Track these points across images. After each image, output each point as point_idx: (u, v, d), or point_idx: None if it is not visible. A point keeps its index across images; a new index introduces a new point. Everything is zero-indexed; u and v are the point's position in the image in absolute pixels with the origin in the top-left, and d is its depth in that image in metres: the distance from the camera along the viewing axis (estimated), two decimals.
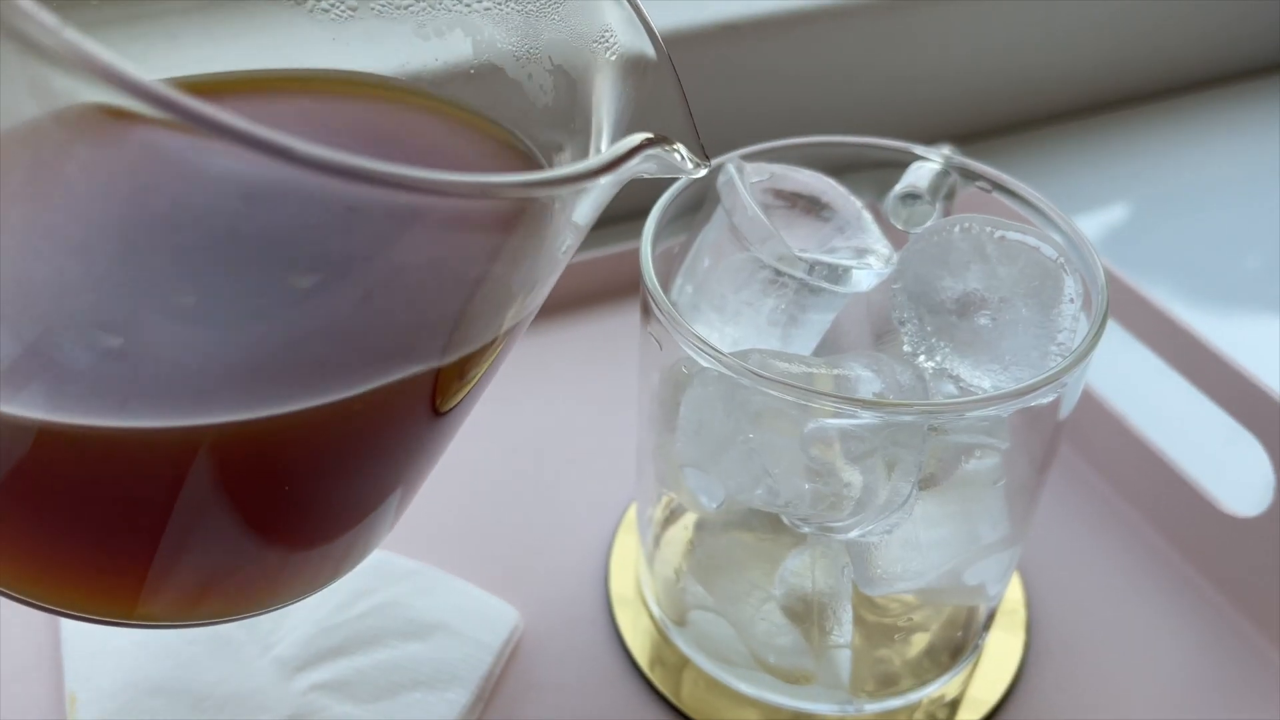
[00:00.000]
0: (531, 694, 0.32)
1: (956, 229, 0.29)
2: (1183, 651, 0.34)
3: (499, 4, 0.24)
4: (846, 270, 0.29)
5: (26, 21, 0.13)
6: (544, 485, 0.38)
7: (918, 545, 0.27)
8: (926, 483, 0.27)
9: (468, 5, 0.24)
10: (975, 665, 0.33)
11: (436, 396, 0.20)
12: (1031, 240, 0.28)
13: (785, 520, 0.28)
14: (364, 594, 0.33)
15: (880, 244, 0.31)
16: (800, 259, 0.28)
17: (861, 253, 0.30)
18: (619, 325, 0.43)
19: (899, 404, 0.25)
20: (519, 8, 0.23)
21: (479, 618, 0.33)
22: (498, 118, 0.24)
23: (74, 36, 0.13)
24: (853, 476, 0.26)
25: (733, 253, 0.29)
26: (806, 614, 0.29)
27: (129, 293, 0.16)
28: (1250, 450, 0.35)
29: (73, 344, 0.16)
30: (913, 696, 0.32)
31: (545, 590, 0.35)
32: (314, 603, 0.33)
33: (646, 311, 0.28)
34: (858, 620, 0.29)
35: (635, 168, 0.18)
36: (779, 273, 0.29)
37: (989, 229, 0.29)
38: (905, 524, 0.26)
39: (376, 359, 0.18)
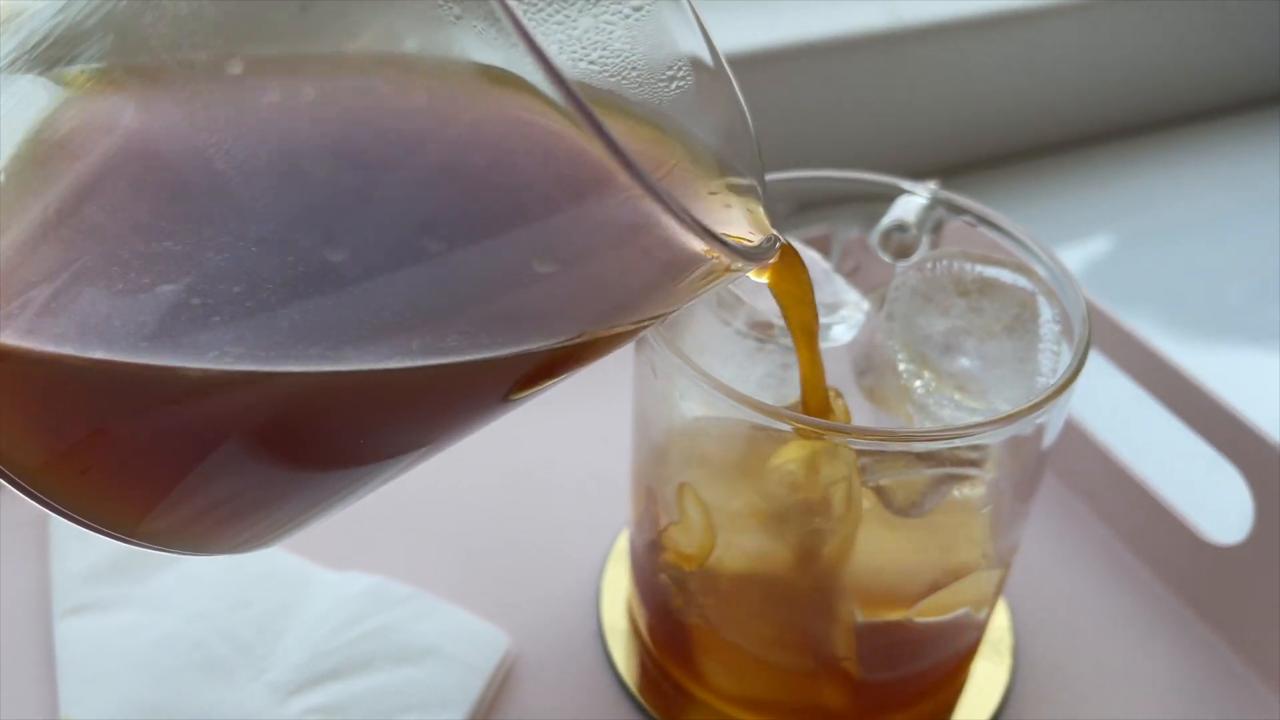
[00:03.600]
0: (523, 716, 0.32)
1: (939, 265, 0.30)
2: (1164, 676, 0.35)
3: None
4: (826, 328, 0.30)
5: None
6: (536, 513, 0.39)
7: (909, 570, 0.28)
8: (915, 510, 0.27)
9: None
10: (962, 690, 0.34)
11: (522, 384, 0.21)
12: (1007, 276, 0.29)
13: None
14: (358, 619, 0.33)
15: (849, 293, 0.31)
16: (775, 324, 0.29)
17: (833, 307, 0.31)
18: (610, 355, 0.44)
19: (886, 432, 0.26)
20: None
21: (471, 643, 0.33)
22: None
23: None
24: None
25: (714, 324, 0.30)
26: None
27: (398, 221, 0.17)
28: (1230, 479, 0.35)
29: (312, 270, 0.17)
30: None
31: (537, 616, 0.35)
32: (307, 627, 0.33)
33: (640, 340, 0.28)
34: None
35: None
36: (761, 340, 0.29)
37: (969, 265, 0.30)
38: (895, 547, 0.27)
39: (531, 329, 0.19)
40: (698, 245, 0.17)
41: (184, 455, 0.20)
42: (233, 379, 0.18)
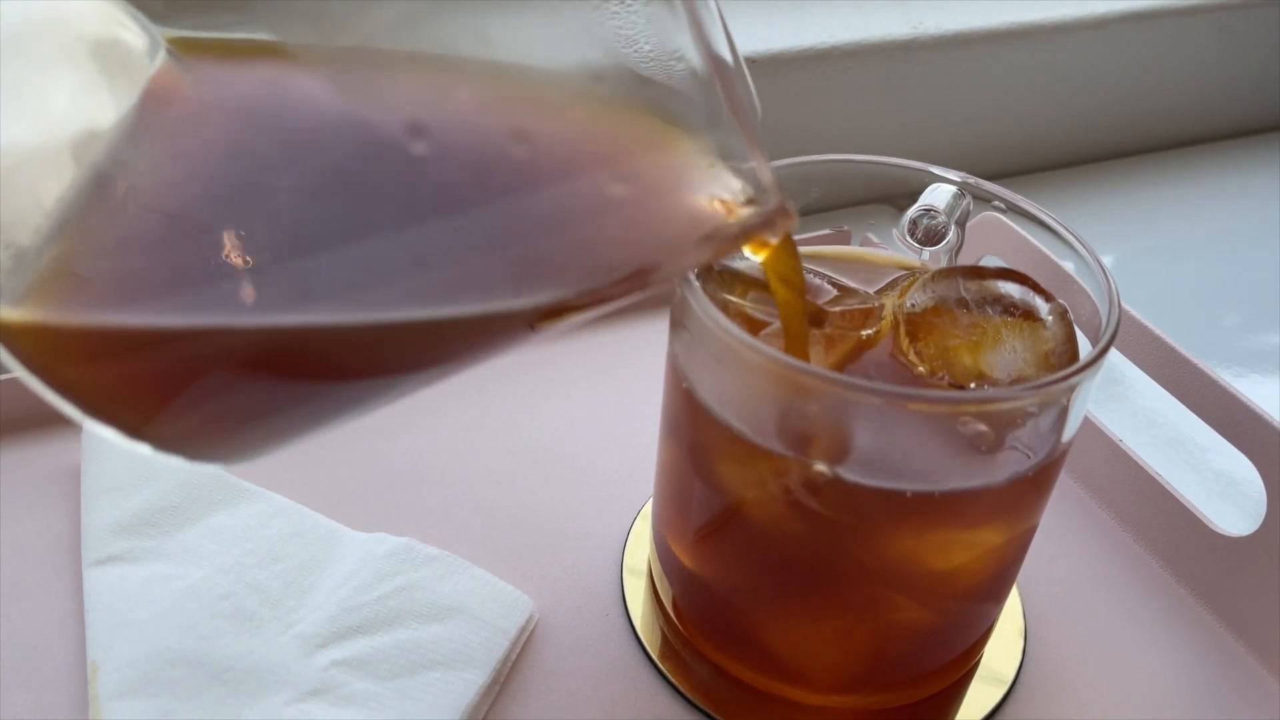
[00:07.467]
0: (545, 679, 0.33)
1: (947, 279, 0.31)
2: (1174, 669, 0.35)
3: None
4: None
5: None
6: (561, 486, 0.39)
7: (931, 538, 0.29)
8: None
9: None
10: (972, 677, 0.34)
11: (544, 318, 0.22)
12: (1003, 286, 0.30)
13: None
14: (386, 577, 0.34)
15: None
16: None
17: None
18: (637, 336, 0.45)
19: (911, 393, 0.26)
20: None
21: (496, 603, 0.34)
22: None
23: None
24: None
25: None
26: None
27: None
28: (1243, 472, 0.36)
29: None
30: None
31: (561, 582, 0.36)
32: (335, 583, 0.34)
33: (681, 313, 0.29)
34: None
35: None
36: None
37: (973, 278, 0.31)
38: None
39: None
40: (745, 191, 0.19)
41: (252, 380, 0.20)
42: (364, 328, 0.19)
